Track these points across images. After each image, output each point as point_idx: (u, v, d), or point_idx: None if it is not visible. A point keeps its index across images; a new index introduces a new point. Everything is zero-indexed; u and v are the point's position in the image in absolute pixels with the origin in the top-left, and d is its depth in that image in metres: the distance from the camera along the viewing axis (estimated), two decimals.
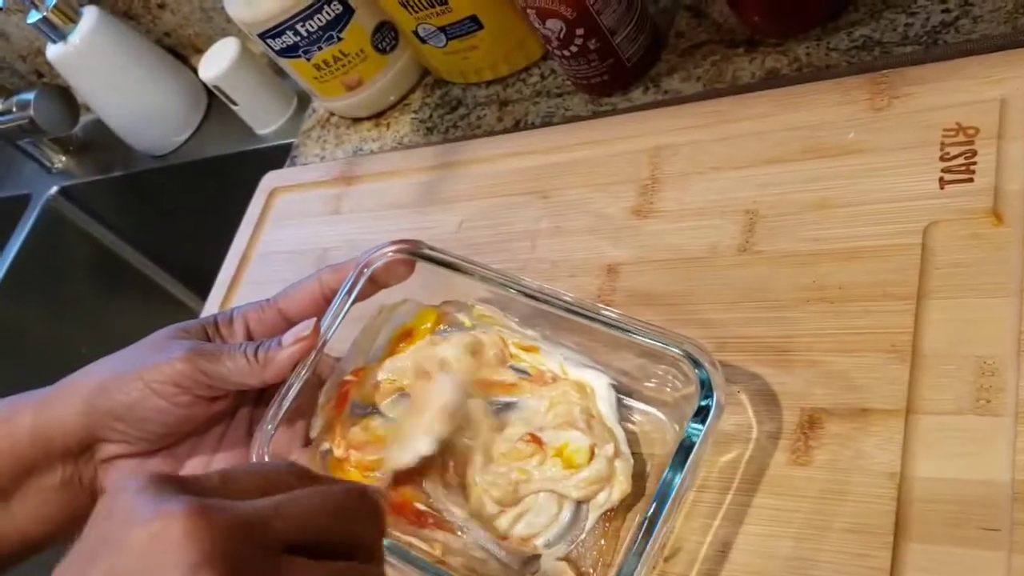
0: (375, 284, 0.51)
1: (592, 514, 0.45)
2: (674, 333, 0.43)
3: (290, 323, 0.50)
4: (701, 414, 0.41)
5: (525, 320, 0.51)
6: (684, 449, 0.41)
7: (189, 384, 0.48)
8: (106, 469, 0.51)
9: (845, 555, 0.40)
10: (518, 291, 0.48)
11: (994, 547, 0.38)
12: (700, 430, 0.41)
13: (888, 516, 0.40)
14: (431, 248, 0.51)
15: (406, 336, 0.53)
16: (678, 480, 0.40)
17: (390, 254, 0.51)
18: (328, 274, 0.51)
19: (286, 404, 0.49)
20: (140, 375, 0.48)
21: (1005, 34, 0.52)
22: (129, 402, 0.48)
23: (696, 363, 0.42)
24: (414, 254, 0.51)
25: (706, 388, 0.42)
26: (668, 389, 0.46)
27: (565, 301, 0.47)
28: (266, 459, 0.48)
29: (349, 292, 0.50)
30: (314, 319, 0.49)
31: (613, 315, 0.45)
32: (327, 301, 0.51)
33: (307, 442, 0.51)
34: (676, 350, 0.43)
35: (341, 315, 0.50)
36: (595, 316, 0.46)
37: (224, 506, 0.30)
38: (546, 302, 0.47)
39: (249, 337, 0.51)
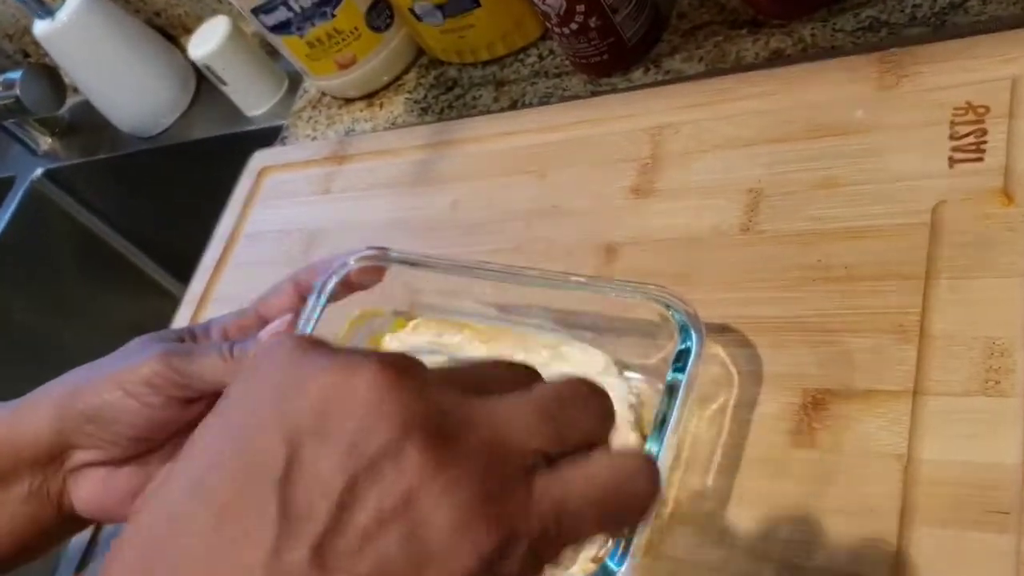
0: (349, 288, 0.51)
1: None
2: (644, 284, 0.43)
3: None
4: (681, 359, 0.40)
5: (502, 308, 0.51)
6: (668, 396, 0.40)
7: (162, 384, 0.46)
8: (75, 478, 0.49)
9: (850, 538, 0.39)
10: (485, 275, 0.48)
11: (1003, 530, 0.36)
12: (682, 375, 0.40)
13: (894, 499, 0.39)
14: (399, 252, 0.50)
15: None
16: (668, 427, 0.39)
17: (351, 262, 0.50)
18: (304, 274, 0.50)
19: None
20: (113, 377, 0.47)
21: (1015, 15, 0.51)
22: (100, 404, 0.47)
23: (670, 307, 0.42)
24: (382, 260, 0.50)
25: (683, 331, 0.41)
26: (650, 353, 0.46)
27: (535, 276, 0.46)
28: None
29: (318, 297, 0.49)
30: (289, 315, 0.49)
31: (582, 278, 0.45)
32: (305, 302, 0.50)
33: None
34: (648, 298, 0.43)
35: (313, 320, 0.49)
36: (565, 282, 0.45)
37: (410, 361, 0.25)
38: (516, 280, 0.47)
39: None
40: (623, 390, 0.47)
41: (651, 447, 0.40)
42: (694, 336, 0.41)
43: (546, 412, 0.25)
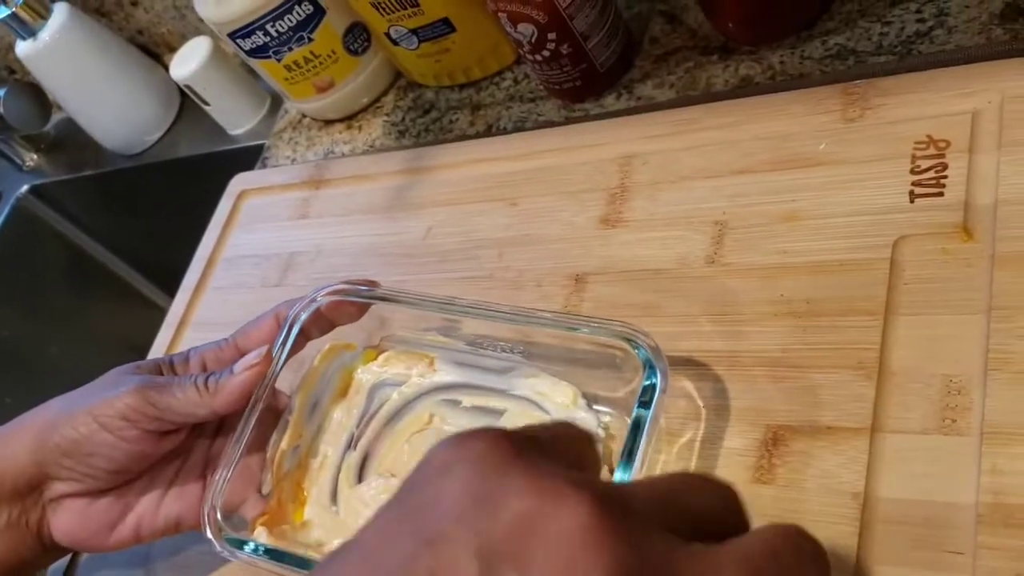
0: (328, 325, 0.52)
1: None
2: (608, 321, 0.43)
3: None
4: (646, 395, 0.41)
5: (472, 341, 0.51)
6: (634, 432, 0.40)
7: (137, 417, 0.47)
8: (54, 509, 0.49)
9: None
10: (453, 311, 0.49)
11: (957, 570, 0.37)
12: (647, 411, 0.41)
13: (851, 537, 0.39)
14: (371, 288, 0.51)
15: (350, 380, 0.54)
16: (635, 462, 0.40)
17: (320, 298, 0.51)
18: (285, 308, 0.51)
19: (240, 447, 0.48)
20: (89, 410, 0.47)
21: (980, 45, 0.51)
22: (77, 437, 0.47)
23: (633, 344, 0.42)
24: (352, 294, 0.51)
25: (647, 367, 0.41)
26: (618, 386, 0.46)
27: (502, 311, 0.47)
28: (218, 515, 0.47)
29: (288, 329, 0.50)
30: (265, 346, 0.49)
31: (549, 314, 0.46)
32: None
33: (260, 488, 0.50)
34: (612, 334, 0.43)
35: (284, 352, 0.50)
36: (532, 318, 0.46)
37: (622, 497, 0.24)
38: (484, 316, 0.48)
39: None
40: (592, 423, 0.48)
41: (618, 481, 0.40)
42: (658, 372, 0.42)
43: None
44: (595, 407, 0.48)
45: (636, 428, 0.41)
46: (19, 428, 0.50)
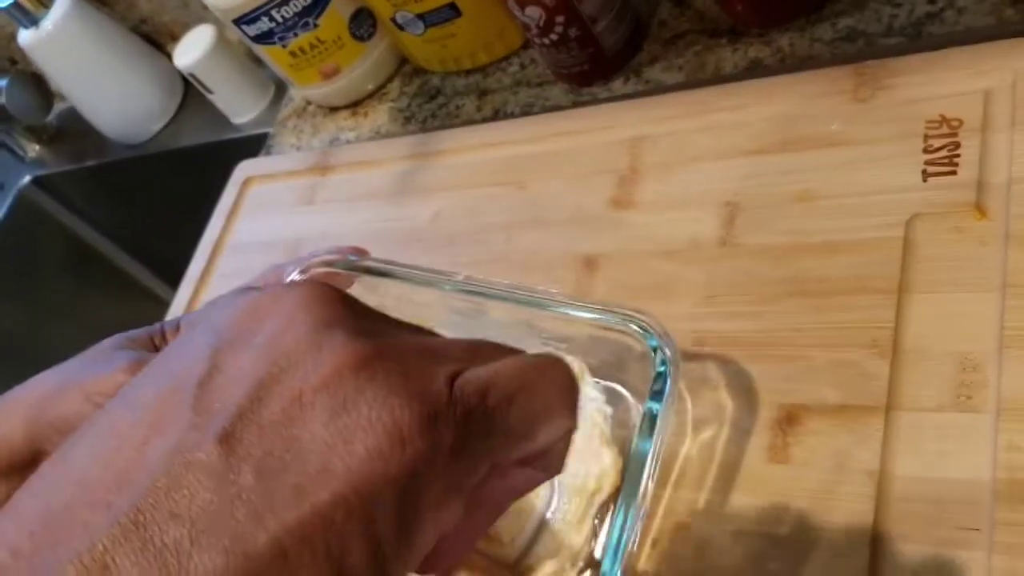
0: None
1: (589, 511, 0.45)
2: (620, 306, 0.43)
3: None
4: (657, 382, 0.41)
5: (469, 315, 0.50)
6: (649, 421, 0.40)
7: None
8: None
9: (824, 556, 0.39)
10: (457, 288, 0.47)
11: (974, 547, 0.37)
12: (660, 399, 0.40)
13: (867, 516, 0.39)
14: (360, 256, 0.50)
15: None
16: (648, 451, 0.39)
17: (313, 263, 0.50)
18: (272, 274, 0.50)
19: None
20: (81, 387, 0.46)
21: (990, 26, 0.51)
22: (68, 414, 0.46)
23: (645, 331, 0.42)
24: (341, 265, 0.50)
25: (659, 354, 0.41)
26: (626, 364, 0.46)
27: (511, 289, 0.46)
28: None
29: None
30: None
31: (554, 298, 0.45)
32: None
33: None
34: (622, 319, 0.43)
35: None
36: (541, 299, 0.45)
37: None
38: (489, 294, 0.46)
39: None
40: (599, 399, 0.47)
41: (632, 470, 0.40)
42: (669, 358, 0.41)
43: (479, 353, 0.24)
44: (605, 382, 0.48)
45: (650, 414, 0.40)
46: (11, 402, 0.49)
